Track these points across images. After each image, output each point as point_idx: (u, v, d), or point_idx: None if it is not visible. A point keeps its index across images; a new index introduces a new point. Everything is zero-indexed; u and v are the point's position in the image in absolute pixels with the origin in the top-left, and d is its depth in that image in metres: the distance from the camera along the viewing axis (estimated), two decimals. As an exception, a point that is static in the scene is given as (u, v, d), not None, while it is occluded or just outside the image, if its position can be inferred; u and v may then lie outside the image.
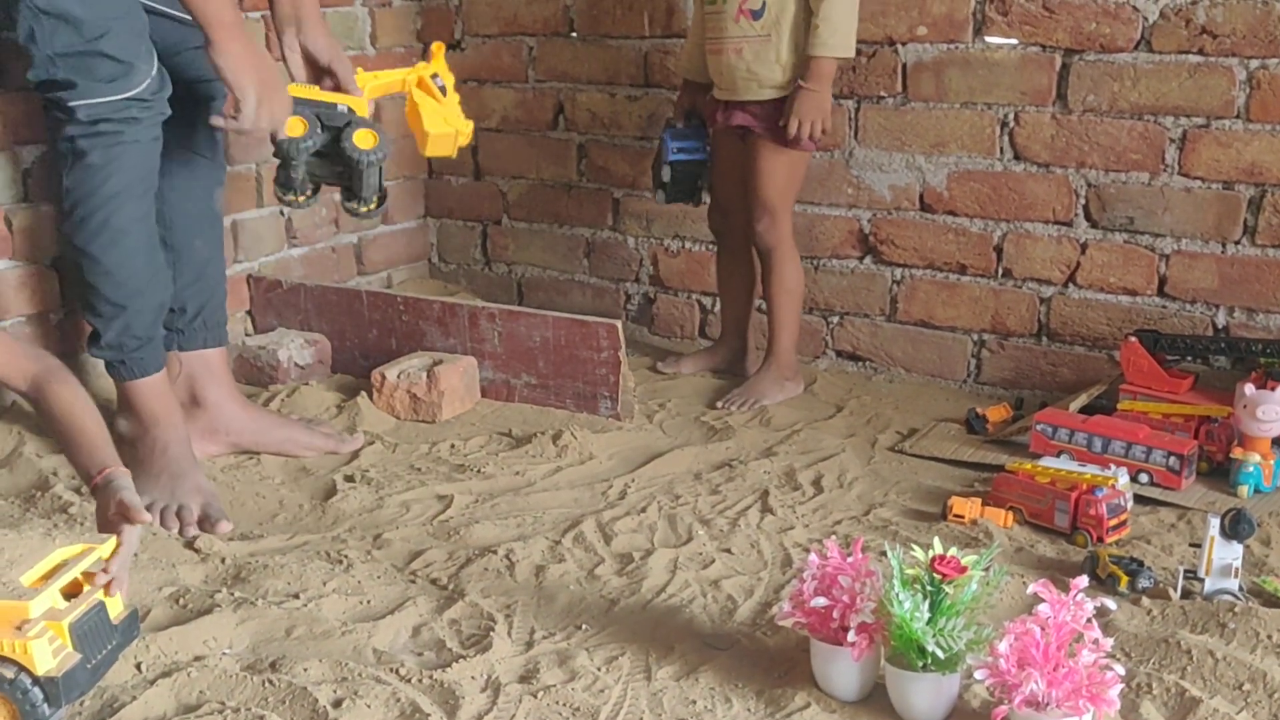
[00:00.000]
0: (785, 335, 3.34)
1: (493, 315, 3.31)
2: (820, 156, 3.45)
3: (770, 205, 3.23)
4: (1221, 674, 1.91)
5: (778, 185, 3.22)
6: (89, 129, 2.41)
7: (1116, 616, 2.11)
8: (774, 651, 2.07)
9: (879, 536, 2.49)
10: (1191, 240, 3.11)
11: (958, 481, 2.82)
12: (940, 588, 1.85)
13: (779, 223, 3.26)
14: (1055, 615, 1.75)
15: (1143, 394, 2.94)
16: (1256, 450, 2.71)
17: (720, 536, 2.51)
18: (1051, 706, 1.73)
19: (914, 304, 3.49)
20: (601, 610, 2.22)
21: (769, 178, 3.20)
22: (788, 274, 3.30)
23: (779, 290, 3.31)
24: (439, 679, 1.95)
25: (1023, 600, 2.18)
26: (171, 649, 2.05)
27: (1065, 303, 3.29)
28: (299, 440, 2.90)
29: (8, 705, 1.69)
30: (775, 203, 3.23)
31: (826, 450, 2.99)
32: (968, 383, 3.45)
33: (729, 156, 3.30)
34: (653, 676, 2.00)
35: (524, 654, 2.06)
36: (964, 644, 1.83)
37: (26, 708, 1.68)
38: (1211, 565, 2.21)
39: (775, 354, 3.34)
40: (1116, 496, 2.50)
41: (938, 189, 3.39)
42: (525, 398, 3.29)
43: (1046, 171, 3.24)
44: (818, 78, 3.06)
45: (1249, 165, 3.00)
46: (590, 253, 4.00)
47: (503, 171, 4.10)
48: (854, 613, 1.89)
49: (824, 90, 3.08)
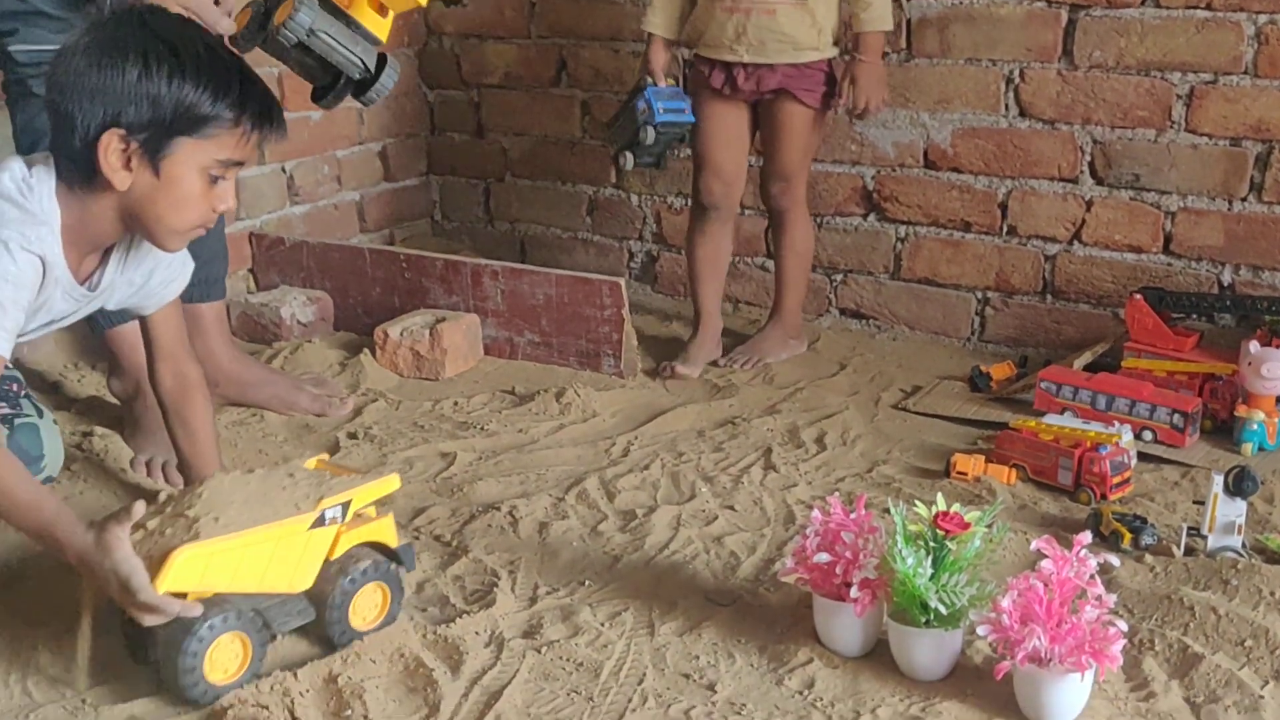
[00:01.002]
0: (792, 295, 3.32)
1: (495, 273, 3.30)
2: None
3: (794, 169, 3.17)
4: (1224, 630, 1.92)
5: (805, 148, 3.17)
6: (34, 70, 2.42)
7: (1119, 573, 2.11)
8: (777, 607, 2.08)
9: (882, 493, 2.49)
10: (1198, 197, 3.09)
11: (961, 439, 2.82)
12: (943, 544, 1.85)
13: (797, 186, 3.21)
14: (1058, 571, 1.75)
15: (1147, 351, 2.94)
16: (1261, 408, 2.70)
17: (723, 493, 2.52)
18: (1054, 662, 1.73)
19: (918, 261, 3.48)
20: (604, 566, 2.22)
21: (797, 141, 3.14)
22: (799, 236, 3.27)
23: (790, 252, 3.28)
24: (443, 634, 1.96)
25: (1026, 557, 2.18)
26: (176, 605, 2.05)
27: (1070, 260, 3.28)
28: (284, 399, 2.90)
29: (381, 588, 1.94)
30: (799, 166, 3.18)
31: (830, 408, 2.99)
32: (972, 340, 3.45)
33: (732, 122, 3.17)
34: (656, 632, 2.00)
35: (527, 610, 2.07)
36: (967, 600, 1.83)
37: (394, 579, 1.96)
38: (1215, 522, 2.21)
39: (781, 313, 3.33)
40: (1120, 454, 2.50)
41: (942, 146, 3.37)
42: (528, 355, 3.29)
43: (1052, 128, 3.22)
44: (872, 51, 3.04)
45: (1256, 121, 2.98)
46: (593, 210, 3.99)
47: (505, 128, 4.08)
48: (857, 569, 1.90)
49: (879, 62, 3.07)
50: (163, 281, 2.09)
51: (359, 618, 1.92)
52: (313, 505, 1.86)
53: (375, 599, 1.94)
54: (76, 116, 1.79)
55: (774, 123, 3.14)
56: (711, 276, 3.30)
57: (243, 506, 1.82)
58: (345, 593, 1.90)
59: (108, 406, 2.84)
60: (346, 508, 1.91)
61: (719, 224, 3.26)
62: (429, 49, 4.15)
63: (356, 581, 1.91)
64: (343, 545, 1.92)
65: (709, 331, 3.30)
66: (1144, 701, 1.81)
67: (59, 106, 1.81)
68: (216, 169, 1.86)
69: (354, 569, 1.91)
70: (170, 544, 1.73)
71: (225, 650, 1.78)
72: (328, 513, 1.88)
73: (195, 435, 2.20)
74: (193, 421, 2.20)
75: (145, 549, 1.74)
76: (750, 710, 1.80)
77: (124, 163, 1.81)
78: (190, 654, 1.74)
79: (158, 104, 1.78)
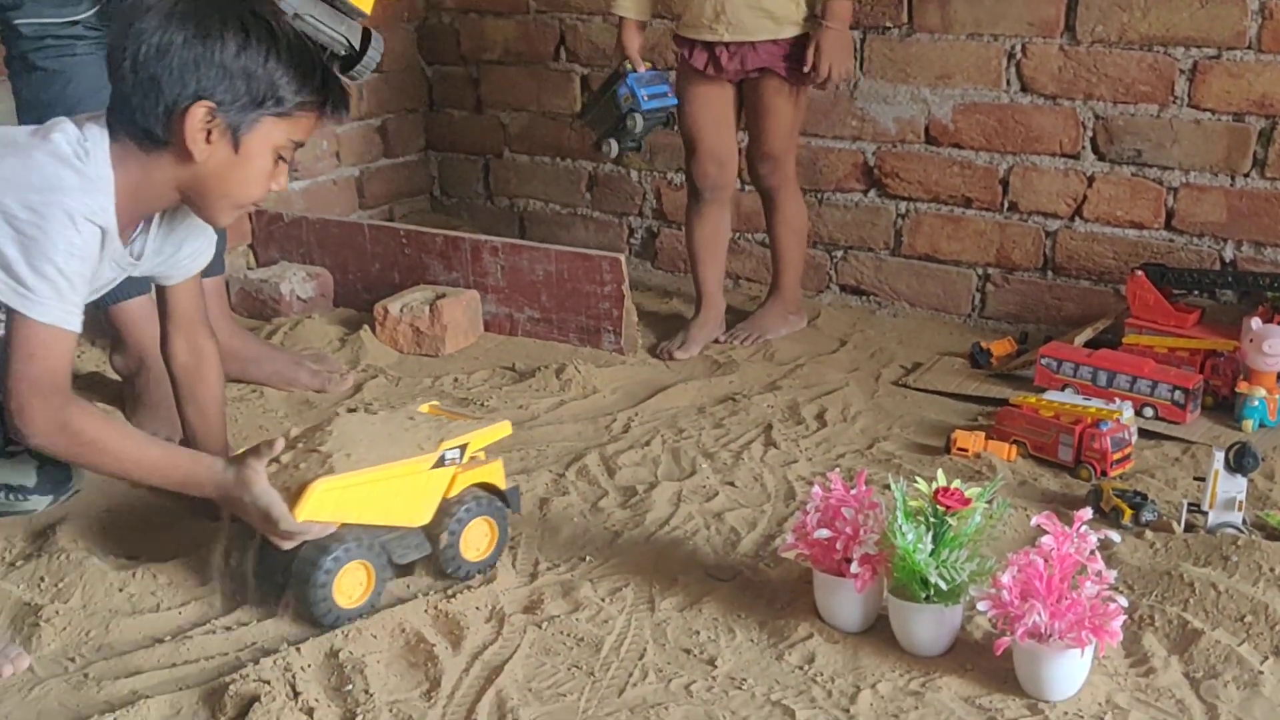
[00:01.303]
0: (791, 272, 3.31)
1: (495, 248, 3.29)
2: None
3: (782, 146, 3.14)
4: (1224, 606, 1.92)
5: (791, 125, 3.14)
6: (37, 44, 2.41)
7: (1120, 549, 2.11)
8: (777, 583, 2.08)
9: (882, 470, 2.49)
10: (1200, 173, 3.08)
11: (961, 415, 2.82)
12: (944, 520, 1.85)
13: (786, 163, 3.19)
14: (1059, 547, 1.75)
15: (1148, 328, 2.93)
16: (1262, 384, 2.70)
17: (724, 470, 2.51)
18: (1054, 638, 1.73)
19: (918, 238, 3.47)
20: (605, 542, 2.22)
21: (783, 118, 3.11)
22: (793, 212, 3.26)
23: (785, 229, 3.26)
24: (444, 609, 1.96)
25: (1026, 533, 2.18)
26: (179, 577, 2.06)
27: (1071, 236, 3.27)
28: (285, 375, 2.89)
29: (490, 523, 2.10)
30: (787, 143, 3.15)
31: (830, 384, 2.99)
32: (972, 317, 3.44)
33: (718, 102, 3.12)
34: (656, 607, 2.00)
35: (528, 585, 2.07)
36: (967, 576, 1.83)
37: (502, 517, 2.11)
38: (1215, 499, 2.21)
39: (781, 289, 3.32)
40: (1121, 430, 2.50)
41: (943, 121, 3.35)
42: (528, 331, 3.28)
43: (1054, 104, 3.21)
44: (838, 18, 2.97)
45: (1260, 97, 2.97)
46: (593, 186, 3.98)
47: (504, 104, 4.06)
48: (857, 544, 1.90)
49: (846, 30, 3.00)
50: (191, 254, 2.09)
51: (471, 550, 2.08)
52: (434, 446, 2.03)
53: (484, 534, 2.10)
54: (164, 84, 1.77)
55: (760, 100, 3.10)
56: (711, 258, 3.27)
57: (370, 445, 1.98)
58: (458, 528, 2.05)
59: (109, 383, 2.84)
60: (464, 450, 2.07)
61: (716, 205, 3.23)
62: (428, 24, 4.14)
63: (469, 517, 2.06)
64: (458, 485, 2.08)
65: (711, 313, 3.28)
66: (1144, 677, 1.81)
67: (141, 72, 1.78)
68: (286, 150, 1.89)
69: (467, 506, 2.06)
70: (306, 477, 1.90)
71: (351, 577, 1.94)
72: (447, 454, 2.04)
73: (205, 411, 2.20)
74: (203, 396, 2.19)
75: (281, 481, 1.89)
76: (750, 685, 1.80)
77: (206, 135, 1.81)
78: (321, 580, 1.89)
79: (252, 81, 1.80)
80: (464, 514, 2.06)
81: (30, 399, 1.77)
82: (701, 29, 3.02)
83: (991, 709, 1.75)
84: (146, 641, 1.90)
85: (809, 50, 2.98)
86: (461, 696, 1.77)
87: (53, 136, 1.79)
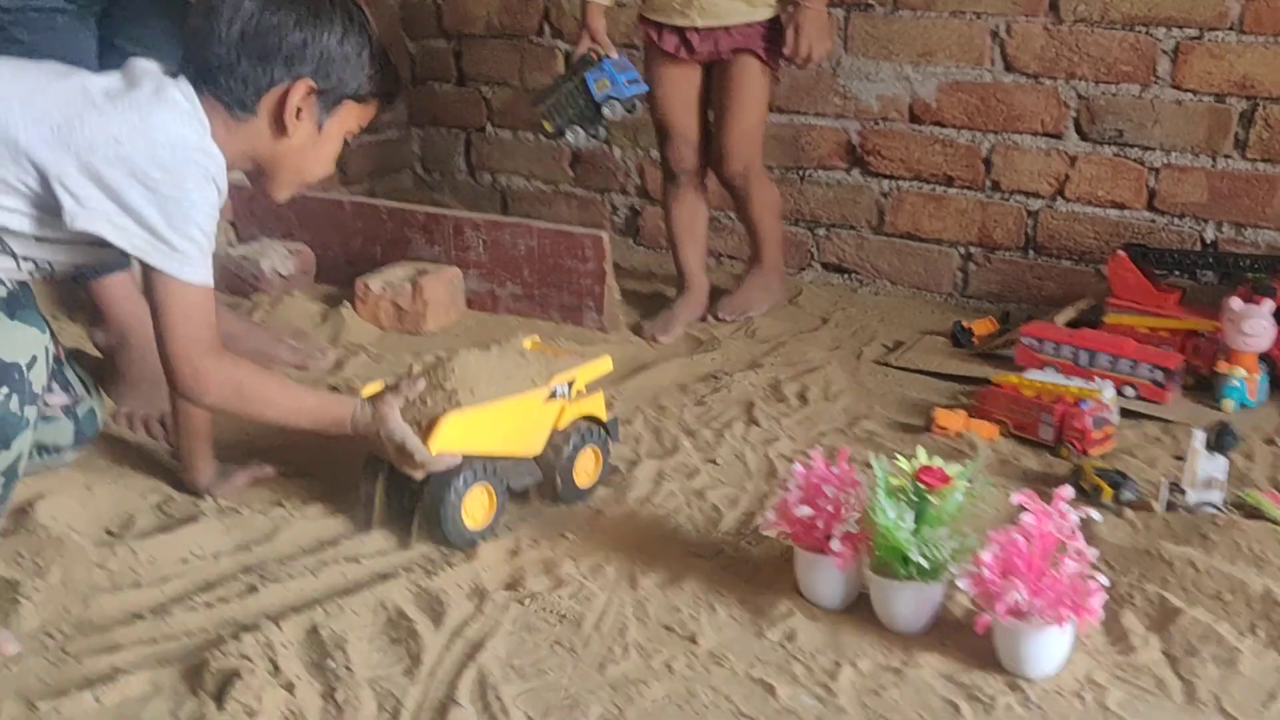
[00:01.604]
0: (772, 248, 3.30)
1: (477, 225, 3.28)
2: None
3: (755, 130, 3.12)
4: (1202, 584, 1.93)
5: (763, 108, 3.13)
6: (18, 16, 2.38)
7: (1100, 528, 2.12)
8: (758, 560, 2.08)
9: (864, 448, 2.49)
10: (1181, 154, 3.09)
11: (943, 394, 2.82)
12: (925, 498, 1.86)
13: (757, 150, 3.16)
14: (1039, 525, 1.76)
15: (1130, 308, 2.94)
16: (1242, 365, 2.71)
17: (706, 448, 2.52)
18: (1034, 615, 1.74)
19: (901, 216, 3.47)
20: (587, 520, 2.22)
21: (757, 102, 3.08)
22: (767, 192, 3.24)
23: (762, 210, 3.23)
24: (425, 586, 1.96)
25: (1007, 511, 2.18)
26: (160, 554, 2.05)
27: (1053, 216, 3.27)
28: (264, 352, 2.87)
29: (595, 452, 2.29)
30: (759, 127, 3.13)
31: (812, 363, 2.99)
32: (954, 296, 3.45)
33: (688, 85, 3.08)
34: (638, 584, 2.00)
35: (509, 562, 2.07)
36: (948, 553, 1.84)
37: (605, 448, 2.31)
38: (1195, 478, 2.22)
39: (764, 265, 3.31)
40: (1101, 410, 2.51)
41: (926, 100, 3.35)
42: (510, 309, 3.28)
43: (1036, 83, 3.21)
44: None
45: (1241, 78, 2.97)
46: (576, 163, 3.96)
47: (486, 78, 4.04)
48: (838, 522, 1.90)
49: (824, 9, 2.96)
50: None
51: (582, 476, 2.28)
52: (546, 381, 2.21)
53: (590, 462, 2.29)
54: (272, 60, 1.83)
55: (731, 83, 3.04)
56: (691, 239, 3.26)
57: (490, 381, 2.15)
58: (570, 456, 2.24)
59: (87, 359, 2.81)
60: (572, 385, 2.26)
61: (692, 188, 3.20)
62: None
63: (579, 447, 2.25)
64: (567, 417, 2.26)
65: (694, 294, 3.26)
66: (1123, 655, 1.82)
67: (248, 45, 1.82)
68: (352, 134, 2.00)
69: (576, 436, 2.25)
70: (436, 411, 2.07)
71: (476, 500, 2.12)
72: (558, 388, 2.22)
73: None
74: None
75: (411, 415, 2.06)
76: (731, 662, 1.81)
77: (297, 112, 1.87)
78: (452, 502, 2.07)
79: (348, 67, 1.89)
80: (574, 444, 2.24)
81: (203, 361, 1.86)
82: (672, 13, 2.99)
83: (971, 686, 1.76)
84: (126, 618, 1.89)
85: (788, 31, 2.95)
86: (443, 673, 1.77)
87: (169, 93, 1.81)
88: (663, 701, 1.72)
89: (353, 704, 1.69)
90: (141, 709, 1.68)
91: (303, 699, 1.69)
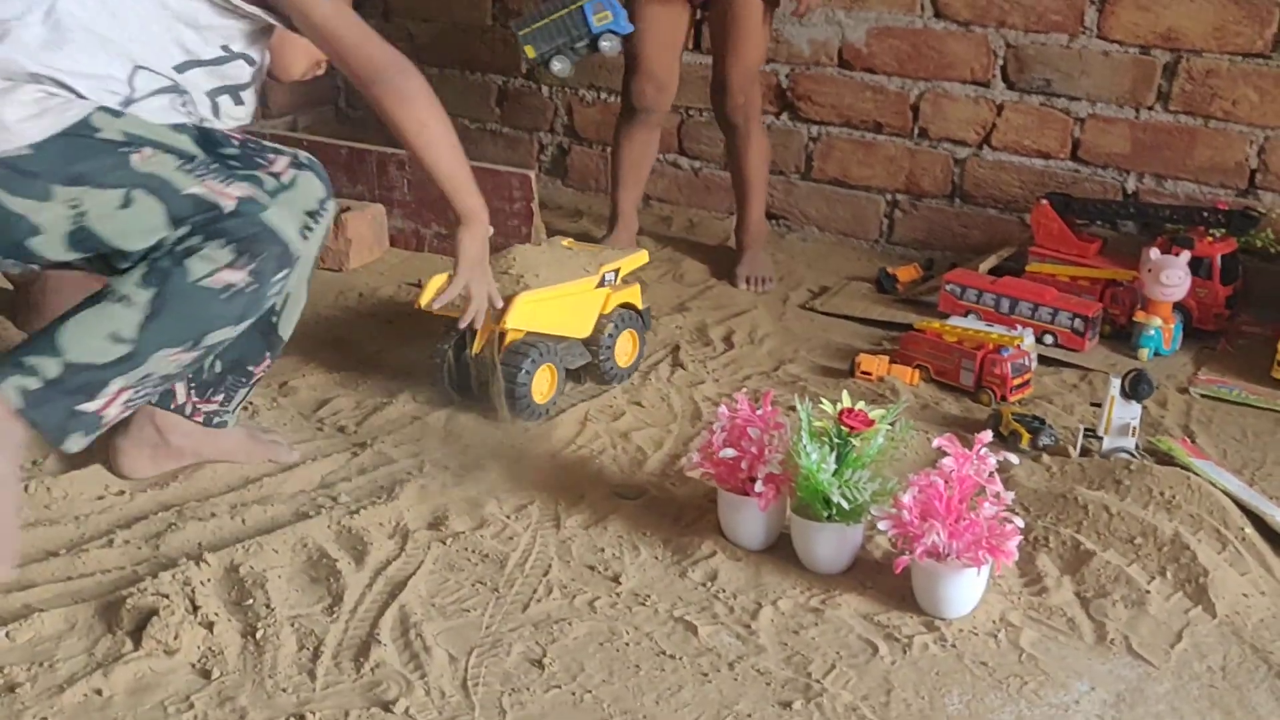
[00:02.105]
0: (759, 205, 3.23)
1: (402, 162, 3.23)
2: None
3: (756, 68, 3.05)
4: (1115, 528, 1.97)
5: (765, 48, 3.07)
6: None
7: (1017, 472, 2.16)
8: (682, 501, 2.09)
9: (788, 391, 2.51)
10: (1106, 105, 3.12)
11: (866, 339, 2.84)
12: (847, 440, 1.87)
13: (754, 93, 3.09)
14: (958, 469, 1.78)
15: (1051, 257, 2.97)
16: (1158, 314, 2.76)
17: (631, 390, 2.52)
18: (952, 557, 1.77)
19: (829, 162, 3.48)
20: (511, 460, 2.22)
21: (761, 40, 3.01)
22: (764, 138, 3.19)
23: (760, 160, 3.17)
24: (347, 525, 1.94)
25: (927, 455, 2.22)
26: (75, 491, 2.02)
27: (979, 164, 3.30)
28: None
29: (633, 336, 2.55)
30: (756, 68, 3.05)
31: (738, 306, 2.99)
32: (880, 243, 3.47)
33: (674, 24, 3.01)
34: (561, 525, 2.01)
35: (433, 501, 2.06)
36: (869, 495, 1.86)
37: (642, 332, 2.57)
38: (1110, 424, 2.26)
39: (752, 225, 3.23)
40: (1021, 356, 2.54)
41: (857, 45, 3.35)
42: (435, 248, 3.24)
43: (967, 30, 3.22)
44: None
45: (1166, 30, 3.00)
46: (503, 101, 3.92)
47: (412, 13, 3.97)
48: (761, 464, 1.91)
49: None
50: None
51: (622, 358, 2.53)
52: (596, 269, 2.46)
53: (630, 344, 2.56)
54: None
55: (735, 20, 2.96)
56: (634, 180, 3.21)
57: (548, 268, 2.41)
58: (612, 337, 2.48)
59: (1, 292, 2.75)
60: (617, 273, 2.52)
61: (648, 128, 3.15)
62: (336, -72, 4.02)
63: (620, 329, 2.50)
64: (611, 303, 2.50)
65: (624, 234, 3.23)
66: (1036, 596, 1.86)
67: None
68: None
69: (617, 321, 2.50)
70: (507, 291, 2.29)
71: (541, 378, 2.35)
72: (607, 275, 2.48)
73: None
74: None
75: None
76: (654, 601, 1.82)
77: None
78: (523, 379, 2.31)
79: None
80: (616, 327, 2.48)
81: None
82: None
83: (889, 625, 1.78)
84: (40, 555, 1.86)
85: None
86: (364, 611, 1.76)
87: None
88: (584, 640, 1.73)
89: (273, 642, 1.68)
90: (56, 647, 1.66)
91: (221, 637, 1.68)
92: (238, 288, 1.77)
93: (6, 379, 1.72)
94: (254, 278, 1.78)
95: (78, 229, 1.73)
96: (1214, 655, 1.75)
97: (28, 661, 1.62)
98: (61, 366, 1.73)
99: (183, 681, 1.61)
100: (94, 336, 1.74)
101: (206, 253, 1.74)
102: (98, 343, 1.73)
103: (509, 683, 1.63)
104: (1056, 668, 1.71)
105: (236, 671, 1.63)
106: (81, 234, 1.74)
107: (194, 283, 1.74)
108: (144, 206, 1.73)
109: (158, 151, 1.75)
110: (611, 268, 2.49)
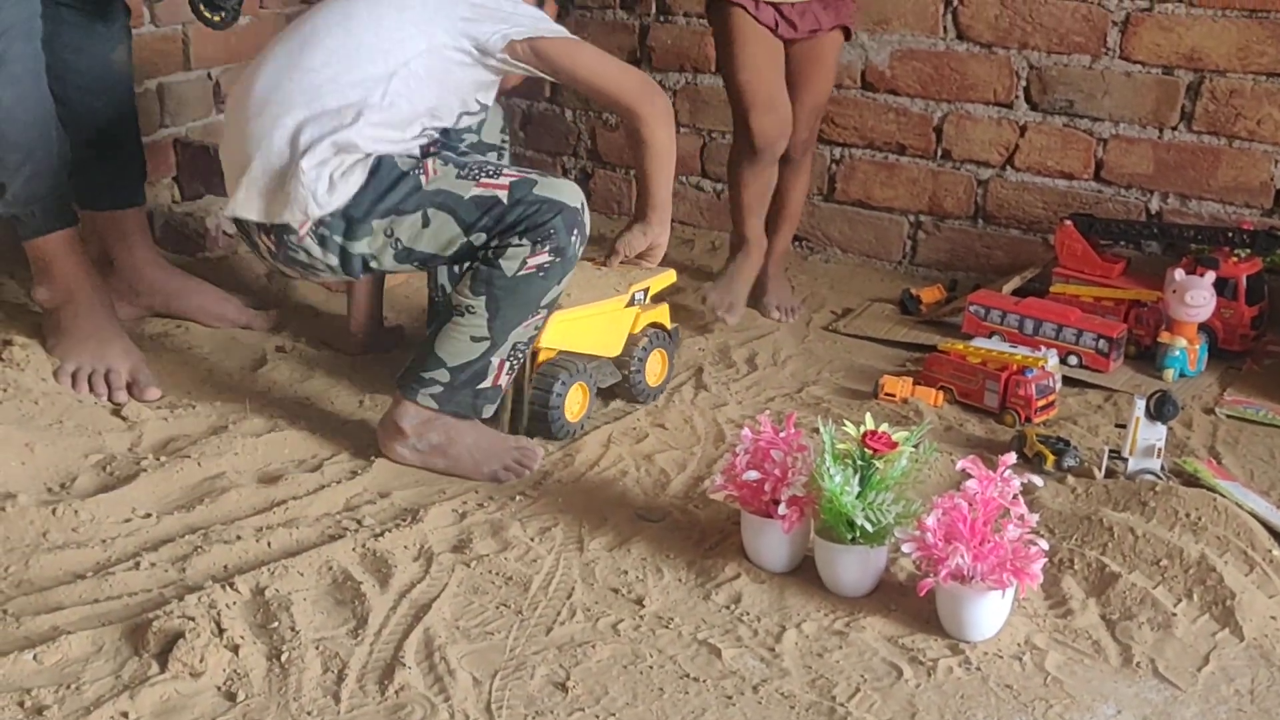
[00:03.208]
0: (792, 233, 3.22)
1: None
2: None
3: (823, 109, 3.06)
4: (1140, 550, 1.96)
5: (832, 86, 3.07)
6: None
7: (1042, 494, 2.15)
8: (705, 524, 2.09)
9: (811, 413, 2.51)
10: (1129, 125, 3.11)
11: (890, 361, 2.84)
12: (871, 463, 1.87)
13: (817, 125, 3.09)
14: (983, 491, 1.78)
15: (1075, 278, 2.97)
16: (1183, 335, 2.75)
17: (654, 412, 2.52)
18: (976, 579, 1.76)
19: (852, 184, 3.48)
20: (534, 482, 2.22)
21: (830, 80, 3.02)
22: (810, 176, 3.17)
23: (803, 193, 3.14)
24: (371, 548, 1.95)
25: (951, 477, 2.21)
26: (102, 514, 2.03)
27: (1002, 185, 3.29)
28: (210, 310, 2.84)
29: (662, 355, 2.57)
30: (825, 106, 3.07)
31: (761, 328, 3.00)
32: (903, 264, 3.46)
33: (778, 61, 2.91)
34: (585, 547, 2.01)
35: (457, 524, 2.07)
36: (892, 518, 1.86)
37: (671, 351, 2.60)
38: (1135, 446, 2.25)
39: (787, 252, 3.22)
40: (1045, 378, 2.54)
41: (880, 67, 3.36)
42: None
43: (989, 52, 3.22)
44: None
45: (1189, 50, 3.00)
46: (526, 125, 3.94)
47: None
48: (785, 486, 1.91)
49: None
50: None
51: (651, 377, 2.54)
52: (625, 289, 2.47)
53: (659, 364, 2.57)
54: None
55: (815, 56, 2.94)
56: (761, 206, 3.06)
57: (579, 288, 2.41)
58: (641, 358, 2.50)
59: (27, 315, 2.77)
60: (647, 292, 2.52)
61: (772, 165, 3.01)
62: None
63: (650, 349, 2.52)
64: (640, 323, 2.52)
65: (758, 254, 3.08)
66: (1062, 618, 1.85)
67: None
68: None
69: (646, 340, 2.52)
70: None
71: (574, 397, 2.37)
72: (637, 295, 2.49)
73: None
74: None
75: None
76: (677, 624, 1.82)
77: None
78: (555, 401, 2.33)
79: None
80: (645, 347, 2.50)
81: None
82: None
83: (914, 649, 1.78)
84: (68, 577, 1.87)
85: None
86: (389, 634, 1.77)
87: None
88: (608, 663, 1.73)
89: (298, 664, 1.69)
90: (83, 669, 1.67)
91: (247, 659, 1.68)
92: (547, 264, 2.15)
93: (418, 393, 2.19)
94: (555, 253, 2.15)
95: (399, 251, 2.17)
96: (1242, 678, 1.73)
97: (55, 684, 1.63)
98: (449, 372, 2.18)
99: (208, 704, 1.62)
100: (459, 343, 2.17)
101: (510, 251, 2.13)
102: (464, 346, 2.17)
103: (533, 706, 1.63)
104: (1082, 691, 1.70)
105: (262, 694, 1.64)
106: (405, 254, 2.17)
107: (513, 277, 2.14)
108: (440, 221, 2.14)
109: (436, 163, 2.17)
110: (641, 287, 2.50)
